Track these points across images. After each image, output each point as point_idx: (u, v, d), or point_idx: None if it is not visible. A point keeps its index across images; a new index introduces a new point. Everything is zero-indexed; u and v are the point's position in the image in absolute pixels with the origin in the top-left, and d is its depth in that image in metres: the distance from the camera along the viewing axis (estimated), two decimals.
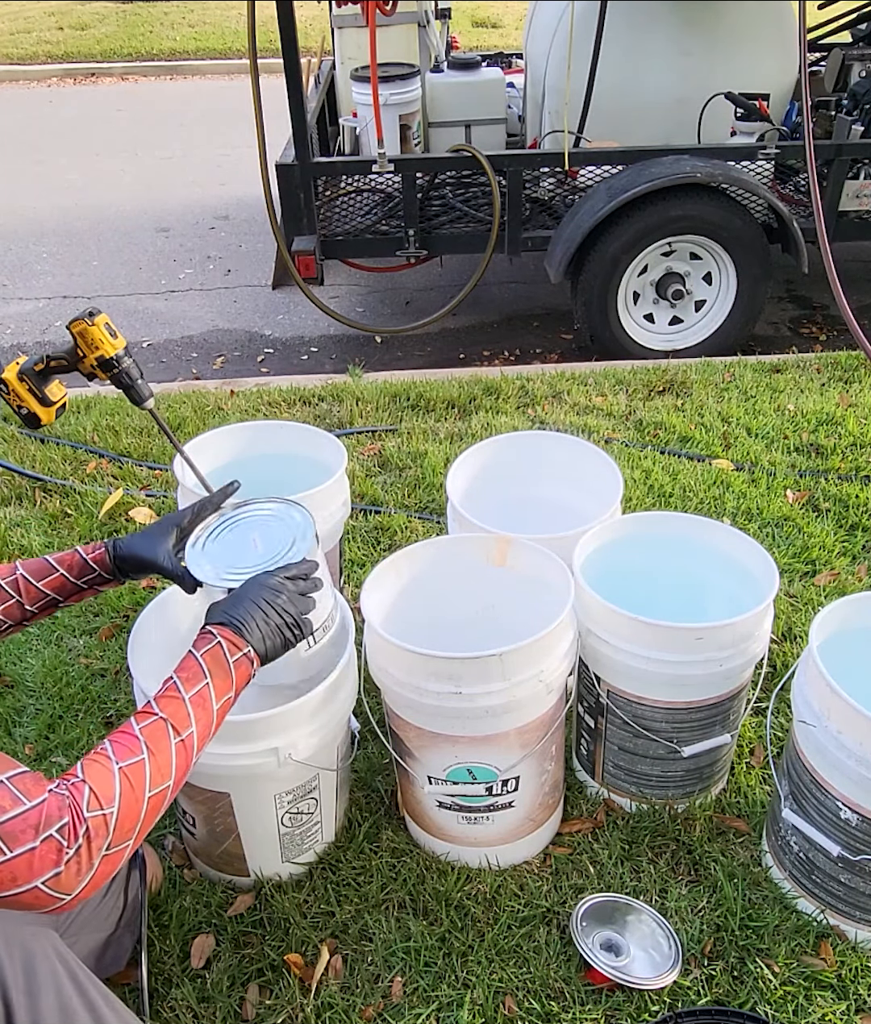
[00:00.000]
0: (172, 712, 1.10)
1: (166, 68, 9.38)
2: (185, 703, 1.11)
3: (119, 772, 1.02)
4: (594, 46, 3.69)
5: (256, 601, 1.24)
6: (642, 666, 1.60)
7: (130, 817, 1.01)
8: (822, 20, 4.76)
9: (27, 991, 1.14)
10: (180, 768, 1.08)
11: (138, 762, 1.04)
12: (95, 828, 0.97)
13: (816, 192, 3.49)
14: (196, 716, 1.11)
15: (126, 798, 1.01)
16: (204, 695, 1.13)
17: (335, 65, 4.59)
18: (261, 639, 1.22)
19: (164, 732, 1.08)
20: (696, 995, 1.53)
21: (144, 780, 1.03)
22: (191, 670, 1.15)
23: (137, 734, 1.07)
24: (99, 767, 1.02)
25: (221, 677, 1.16)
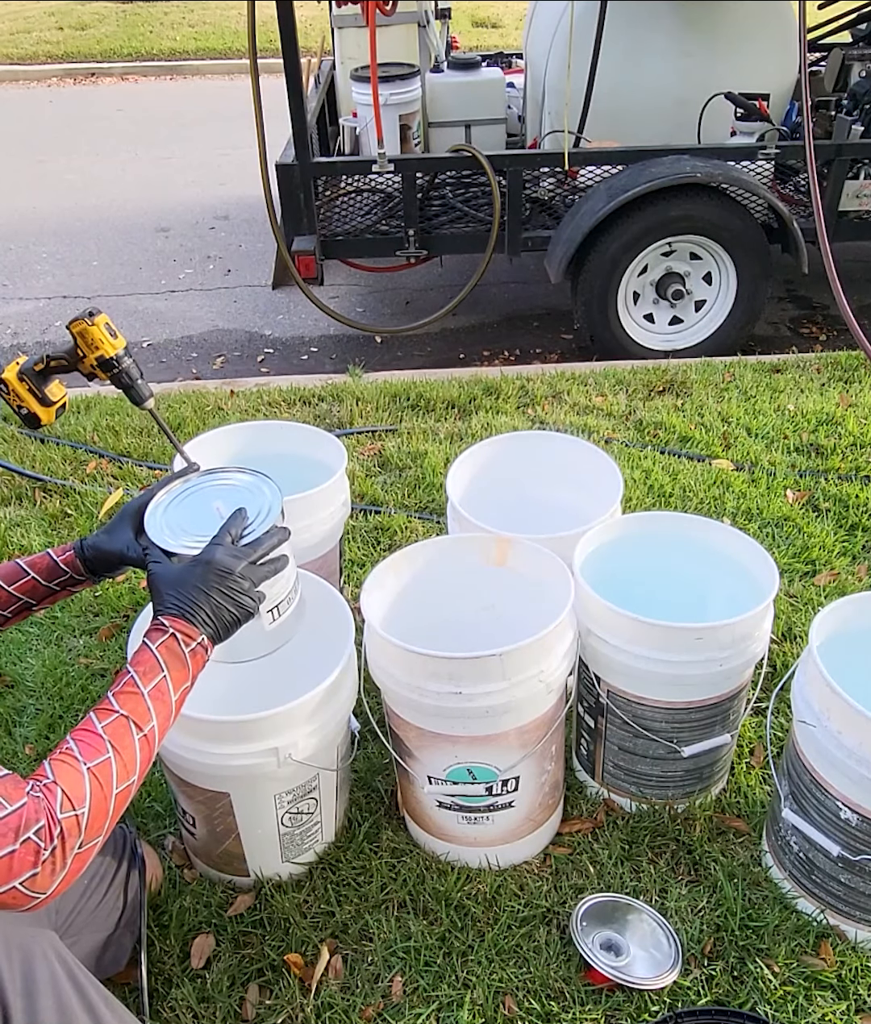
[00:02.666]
0: (132, 708, 1.11)
1: (166, 68, 9.38)
2: (144, 698, 1.12)
3: (88, 772, 1.04)
4: (594, 46, 3.69)
5: (204, 585, 1.20)
6: (642, 666, 1.60)
7: (100, 815, 1.04)
8: (822, 20, 4.76)
9: (25, 993, 1.14)
10: (144, 762, 1.10)
11: (104, 761, 1.05)
12: (68, 829, 1.00)
13: (816, 192, 3.49)
14: (156, 710, 1.12)
15: (96, 797, 1.03)
16: (162, 688, 1.14)
17: (335, 65, 4.58)
18: (213, 624, 1.20)
19: (126, 729, 1.09)
20: (696, 995, 1.53)
21: (111, 778, 1.05)
22: (147, 664, 1.15)
23: (100, 732, 1.08)
24: (68, 768, 1.04)
25: (177, 669, 1.16)
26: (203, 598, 1.20)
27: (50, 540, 2.65)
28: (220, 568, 1.21)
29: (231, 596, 1.21)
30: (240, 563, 1.22)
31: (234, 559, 1.22)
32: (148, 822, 1.86)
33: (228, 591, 1.21)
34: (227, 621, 1.21)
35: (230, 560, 1.22)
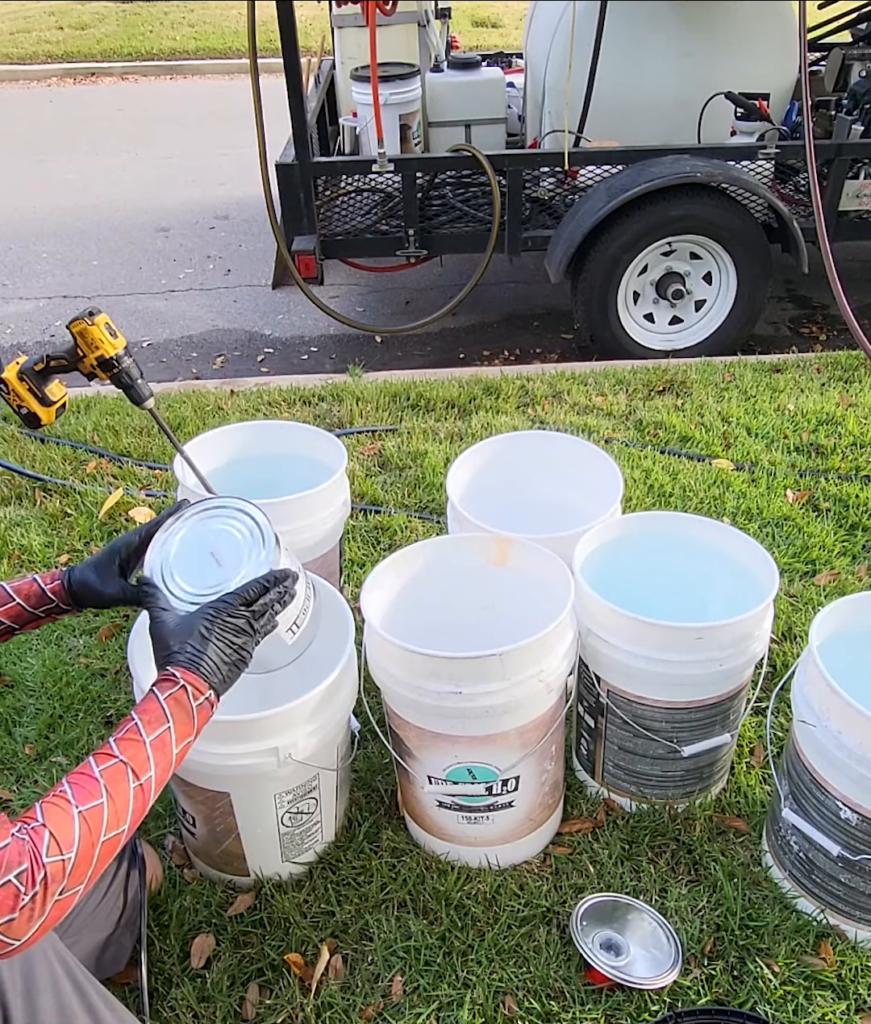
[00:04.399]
0: (132, 755, 1.09)
1: (166, 68, 9.38)
2: (145, 746, 1.10)
3: (79, 816, 1.01)
4: (594, 46, 3.69)
5: (216, 640, 1.20)
6: (642, 666, 1.60)
7: (84, 862, 1.01)
8: (822, 20, 4.76)
9: (25, 993, 1.14)
10: (136, 812, 1.07)
11: (97, 806, 1.03)
12: (53, 874, 0.97)
13: (816, 192, 3.49)
14: (155, 759, 1.10)
15: (84, 843, 1.00)
16: (164, 739, 1.12)
17: (335, 65, 4.59)
18: (222, 680, 1.20)
19: (123, 775, 1.07)
20: (696, 995, 1.53)
21: (101, 824, 1.03)
22: (153, 713, 1.14)
23: (97, 776, 1.06)
24: (59, 811, 1.01)
25: (183, 722, 1.15)
26: (211, 650, 1.20)
27: (50, 540, 2.65)
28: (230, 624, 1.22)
29: (236, 650, 1.22)
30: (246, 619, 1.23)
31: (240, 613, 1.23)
32: (148, 822, 1.86)
33: (234, 646, 1.21)
34: (230, 675, 1.22)
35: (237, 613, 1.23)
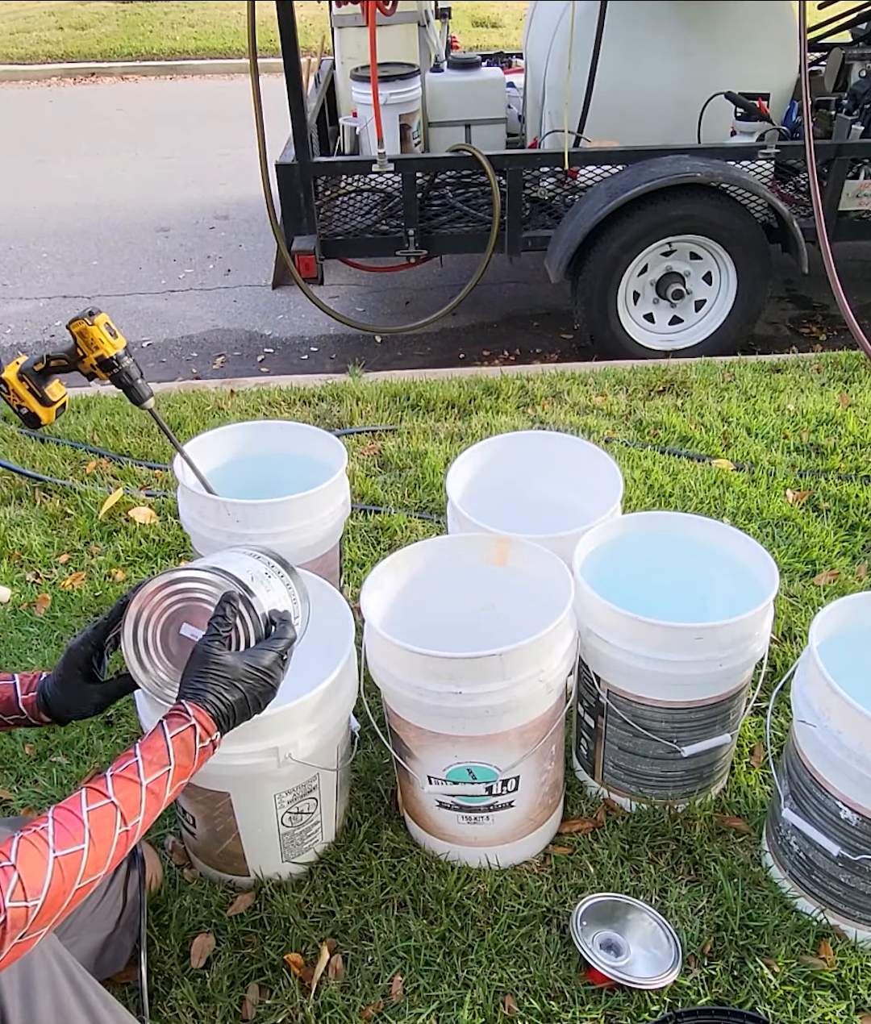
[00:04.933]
0: (125, 798, 1.07)
1: (166, 68, 9.38)
2: (140, 788, 1.08)
3: (54, 862, 0.98)
4: (594, 46, 3.69)
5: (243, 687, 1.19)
6: (642, 666, 1.60)
7: (53, 908, 0.98)
8: (822, 20, 4.76)
9: (23, 994, 1.13)
10: (116, 857, 1.05)
11: (76, 852, 1.00)
12: (13, 919, 0.93)
13: (816, 192, 3.49)
14: (147, 804, 1.09)
15: (54, 890, 0.97)
16: (162, 782, 1.11)
17: (335, 65, 4.59)
18: (230, 722, 1.19)
19: (112, 820, 1.05)
20: (696, 995, 1.53)
21: (77, 871, 1.00)
22: (157, 752, 1.12)
23: (84, 818, 1.03)
24: (34, 852, 0.98)
25: (182, 765, 1.13)
26: (241, 703, 1.19)
27: (50, 540, 2.65)
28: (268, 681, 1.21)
29: (258, 703, 1.21)
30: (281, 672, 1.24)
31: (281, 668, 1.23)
32: None
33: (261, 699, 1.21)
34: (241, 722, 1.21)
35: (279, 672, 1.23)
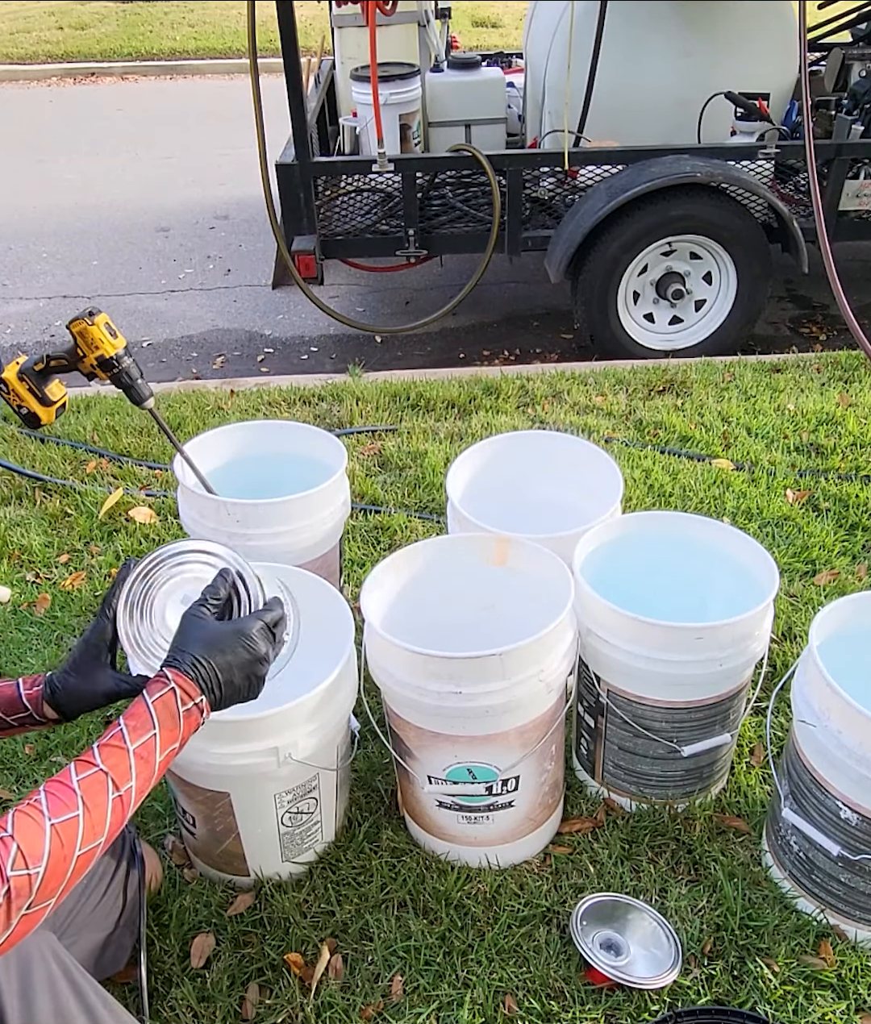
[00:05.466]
0: (113, 764, 1.06)
1: (166, 68, 9.38)
2: (128, 754, 1.08)
3: (51, 829, 0.98)
4: (594, 46, 3.69)
5: (231, 656, 1.18)
6: (642, 666, 1.60)
7: (56, 876, 0.97)
8: (822, 20, 4.76)
9: (22, 994, 1.13)
10: (114, 824, 1.04)
11: (72, 818, 1.00)
12: (17, 888, 0.93)
13: (816, 192, 3.49)
14: (138, 769, 1.08)
15: (55, 857, 0.97)
16: (149, 746, 1.10)
17: (335, 65, 4.59)
18: (218, 692, 1.17)
19: (103, 786, 1.04)
20: (696, 995, 1.53)
21: (76, 838, 0.99)
22: (140, 718, 1.11)
23: (74, 787, 1.03)
24: (30, 822, 0.98)
25: (169, 728, 1.12)
26: (224, 668, 1.17)
27: (50, 540, 2.65)
28: (252, 649, 1.19)
29: (245, 673, 1.19)
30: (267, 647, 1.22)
31: (266, 643, 1.22)
32: (148, 822, 1.86)
33: (247, 668, 1.19)
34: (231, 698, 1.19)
35: (262, 643, 1.21)
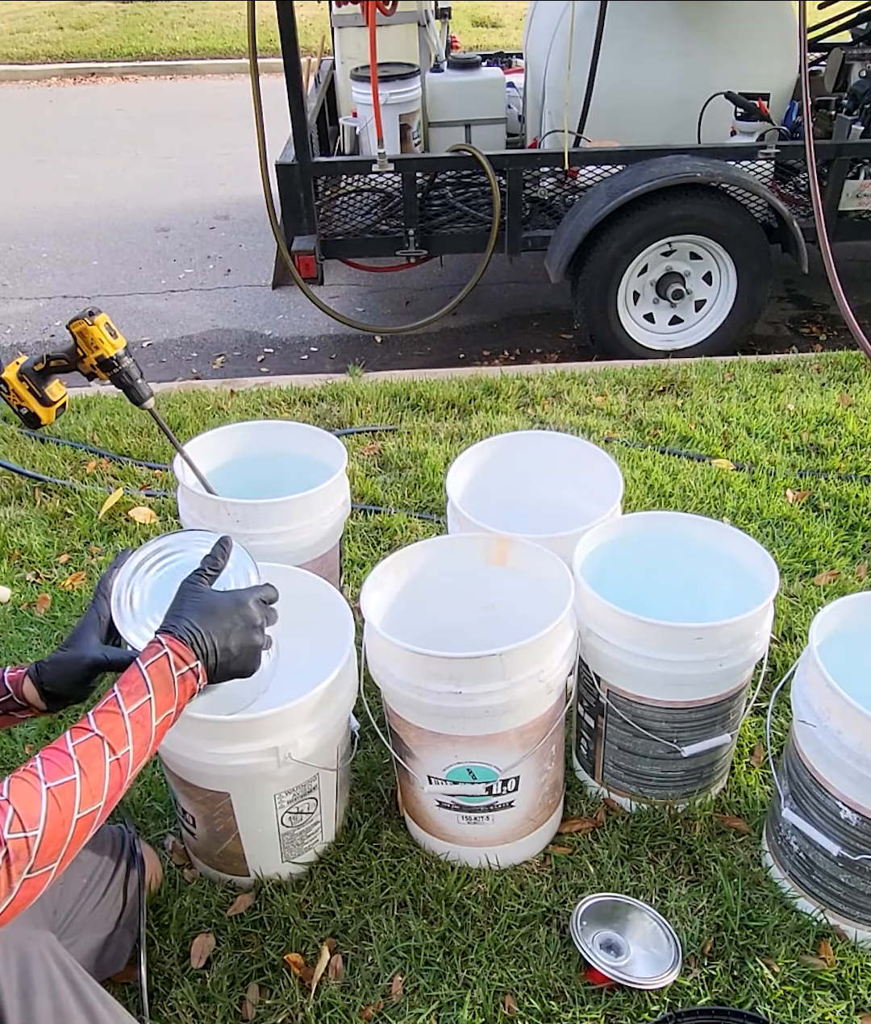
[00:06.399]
0: (109, 729, 1.06)
1: (166, 68, 9.38)
2: (123, 719, 1.07)
3: (47, 793, 0.97)
4: (594, 46, 3.69)
5: (227, 623, 1.18)
6: (642, 666, 1.60)
7: (55, 840, 0.97)
8: (822, 20, 4.76)
9: (21, 994, 1.14)
10: (113, 787, 1.04)
11: (68, 782, 0.99)
12: (15, 851, 0.93)
13: (816, 192, 3.49)
14: (134, 733, 1.07)
15: (53, 820, 0.96)
16: (145, 711, 1.09)
17: (335, 65, 4.59)
18: (213, 659, 1.16)
19: (99, 750, 1.04)
20: (696, 995, 1.53)
21: (73, 801, 0.99)
22: (134, 684, 1.10)
23: (70, 752, 1.02)
24: (26, 786, 0.97)
25: (164, 693, 1.11)
26: (220, 635, 1.17)
27: (50, 540, 2.65)
28: (248, 617, 1.20)
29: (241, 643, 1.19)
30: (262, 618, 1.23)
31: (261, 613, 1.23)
32: (148, 822, 1.86)
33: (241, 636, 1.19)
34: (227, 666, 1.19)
35: (257, 612, 1.22)
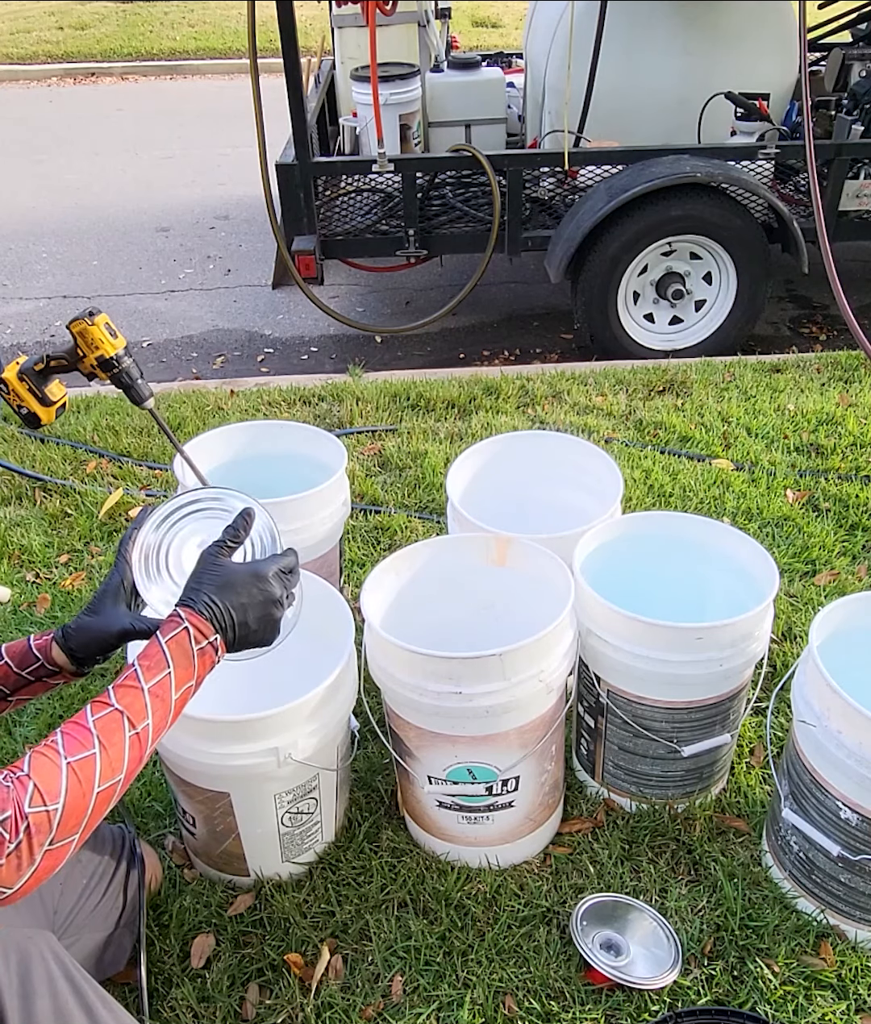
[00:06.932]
0: (129, 703, 1.07)
1: (166, 68, 9.38)
2: (143, 694, 1.08)
3: (67, 767, 0.99)
4: (594, 46, 3.69)
5: (245, 597, 1.18)
6: (642, 666, 1.60)
7: (76, 813, 0.99)
8: (822, 20, 4.76)
9: (22, 994, 1.14)
10: (133, 761, 1.05)
11: (88, 756, 1.01)
12: (37, 824, 0.95)
13: (816, 192, 3.49)
14: (153, 708, 1.08)
15: (72, 794, 0.98)
16: (164, 685, 1.10)
17: (335, 65, 4.59)
18: (232, 632, 1.17)
19: (119, 724, 1.05)
20: (696, 995, 1.53)
21: (93, 775, 1.01)
22: (154, 658, 1.11)
23: (90, 726, 1.04)
24: (46, 761, 0.99)
25: (183, 667, 1.12)
26: (238, 608, 1.17)
27: (50, 540, 2.65)
28: (266, 591, 1.20)
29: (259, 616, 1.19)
30: (282, 591, 1.22)
31: (281, 586, 1.22)
32: (148, 822, 1.86)
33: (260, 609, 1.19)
34: (246, 639, 1.19)
35: (277, 586, 1.21)
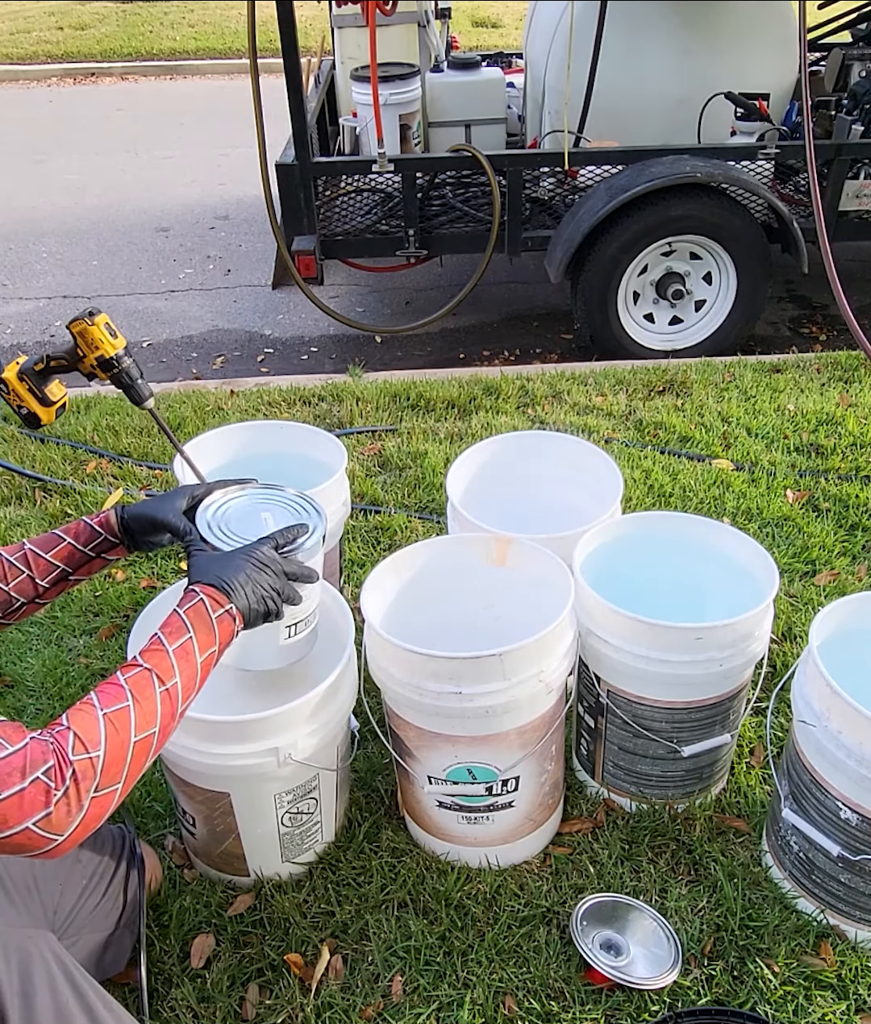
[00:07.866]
0: (156, 663, 1.12)
1: (166, 68, 9.37)
2: (168, 655, 1.14)
3: (104, 718, 1.05)
4: (594, 46, 3.69)
5: (243, 564, 1.25)
6: (642, 666, 1.60)
7: (117, 760, 1.04)
8: (822, 20, 4.76)
9: (22, 993, 1.14)
10: (165, 715, 1.11)
11: (123, 708, 1.07)
12: (82, 771, 1.00)
13: (816, 192, 3.49)
14: (180, 667, 1.14)
15: (112, 742, 1.04)
16: (187, 648, 1.15)
17: (335, 65, 4.59)
18: (244, 598, 1.23)
19: (149, 681, 1.11)
20: (696, 995, 1.53)
21: (129, 725, 1.06)
22: (174, 625, 1.17)
23: (122, 683, 1.09)
24: (84, 714, 1.05)
25: (204, 632, 1.18)
26: (241, 577, 1.24)
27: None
28: (261, 558, 1.27)
29: (266, 585, 1.25)
30: (280, 562, 1.29)
31: (276, 556, 1.29)
32: (148, 822, 1.86)
33: (265, 580, 1.26)
34: (258, 607, 1.25)
35: (272, 555, 1.29)
